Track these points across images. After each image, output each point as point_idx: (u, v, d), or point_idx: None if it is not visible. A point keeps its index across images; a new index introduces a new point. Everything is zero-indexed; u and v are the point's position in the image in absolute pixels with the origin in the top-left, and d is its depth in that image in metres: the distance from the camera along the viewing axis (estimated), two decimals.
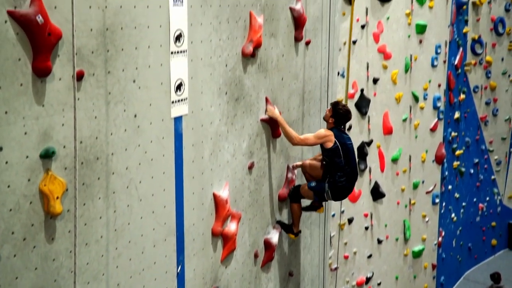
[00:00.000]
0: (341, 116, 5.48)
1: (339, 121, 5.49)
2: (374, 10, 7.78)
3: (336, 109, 5.47)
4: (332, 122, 5.47)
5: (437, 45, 8.96)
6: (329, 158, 5.42)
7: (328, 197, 5.55)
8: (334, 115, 5.45)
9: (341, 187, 5.47)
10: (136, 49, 3.70)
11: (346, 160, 5.40)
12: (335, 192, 5.50)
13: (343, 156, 5.38)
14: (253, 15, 4.90)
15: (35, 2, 2.92)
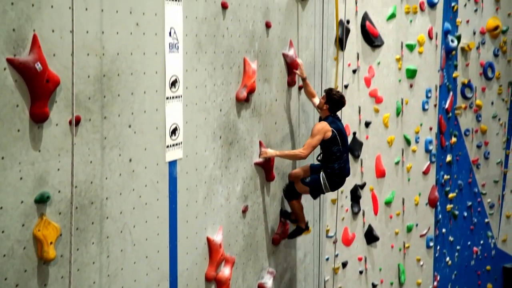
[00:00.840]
0: (336, 102, 5.46)
1: (333, 107, 5.48)
2: (365, 55, 7.95)
3: (330, 95, 5.47)
4: (327, 108, 5.47)
5: (428, 89, 9.12)
6: (326, 148, 5.40)
7: (326, 188, 5.48)
8: (329, 101, 5.45)
9: (339, 175, 5.44)
10: (132, 95, 3.77)
11: (343, 147, 5.43)
12: (333, 181, 5.45)
13: (340, 143, 5.39)
14: (247, 61, 5.01)
15: (35, 50, 3.00)
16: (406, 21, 8.59)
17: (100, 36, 3.47)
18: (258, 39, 5.18)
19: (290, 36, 5.68)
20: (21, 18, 2.95)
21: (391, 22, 8.41)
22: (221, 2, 4.61)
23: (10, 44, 2.91)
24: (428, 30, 8.94)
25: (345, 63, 7.34)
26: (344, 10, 7.38)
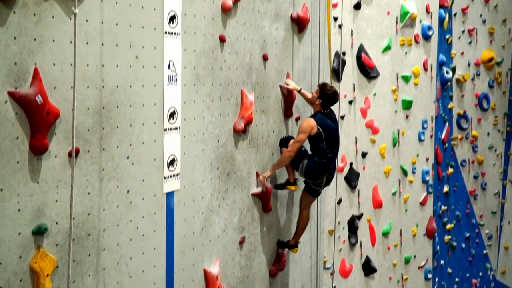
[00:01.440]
0: (329, 98, 5.45)
1: (326, 103, 5.47)
2: (361, 86, 8.04)
3: (324, 90, 5.45)
4: (319, 103, 5.46)
5: (424, 120, 9.20)
6: (312, 143, 5.44)
7: (301, 170, 5.43)
8: (321, 97, 5.45)
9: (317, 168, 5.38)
10: (131, 126, 3.81)
11: (327, 144, 5.40)
12: (310, 169, 5.39)
13: (325, 141, 5.38)
14: (245, 93, 5.08)
15: (36, 83, 3.04)
16: (401, 53, 8.73)
17: (100, 69, 3.52)
18: (256, 71, 5.26)
19: (287, 68, 5.77)
20: (23, 52, 3.01)
21: (387, 54, 8.54)
22: (219, 36, 4.69)
23: (12, 77, 2.96)
24: (423, 61, 9.06)
25: (341, 94, 7.43)
26: (340, 42, 7.51)
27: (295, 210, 6.03)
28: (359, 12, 8.12)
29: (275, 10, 5.48)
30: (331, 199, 7.22)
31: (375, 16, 8.32)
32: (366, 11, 8.24)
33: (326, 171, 5.48)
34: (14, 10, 2.96)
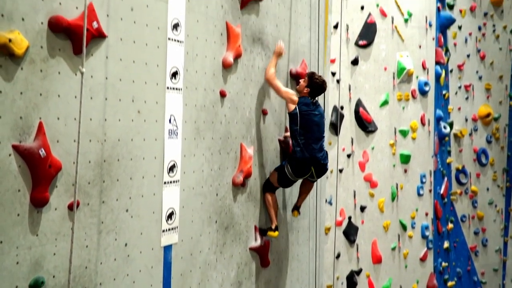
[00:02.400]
0: (317, 87, 5.41)
1: (313, 92, 5.42)
2: (359, 140, 8.15)
3: (312, 79, 5.40)
4: (307, 92, 5.41)
5: (422, 174, 9.25)
6: (289, 125, 5.37)
7: (290, 174, 5.31)
8: (310, 85, 5.40)
9: (298, 159, 5.26)
10: (131, 180, 3.85)
11: (302, 130, 5.27)
12: (295, 167, 5.28)
13: (299, 124, 5.27)
14: (244, 146, 5.15)
15: (39, 137, 3.11)
16: (398, 107, 8.88)
17: (103, 123, 3.60)
18: (255, 126, 5.35)
19: (285, 123, 5.86)
20: (28, 106, 3.09)
21: (384, 109, 8.69)
22: (220, 91, 4.80)
23: (17, 131, 3.03)
24: (420, 116, 9.20)
25: (339, 148, 7.51)
26: (338, 96, 7.67)
27: (294, 264, 5.99)
28: (356, 67, 8.33)
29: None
30: (330, 254, 7.18)
31: (373, 72, 8.52)
32: (364, 66, 8.45)
33: (308, 160, 5.29)
34: (21, 66, 3.05)
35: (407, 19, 8.97)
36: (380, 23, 8.72)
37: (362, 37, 8.62)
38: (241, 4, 5.03)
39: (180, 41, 4.29)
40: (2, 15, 2.94)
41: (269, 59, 5.50)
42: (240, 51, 4.98)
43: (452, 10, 9.84)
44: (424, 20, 9.17)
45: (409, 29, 8.96)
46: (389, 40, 8.81)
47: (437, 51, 9.41)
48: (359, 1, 8.53)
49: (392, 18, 8.82)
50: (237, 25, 4.98)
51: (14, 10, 3.00)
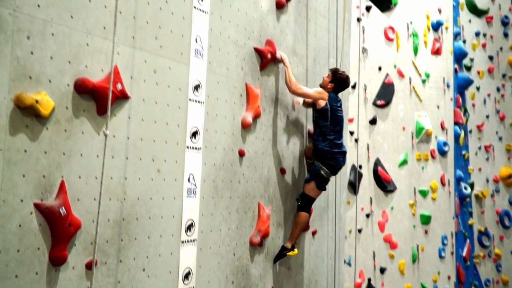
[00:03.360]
0: (341, 81, 5.45)
1: (338, 87, 5.47)
2: (378, 200, 8.08)
3: (336, 75, 5.45)
4: (331, 87, 5.43)
5: (443, 236, 9.08)
6: (316, 123, 5.37)
7: (327, 173, 5.34)
8: (334, 81, 5.44)
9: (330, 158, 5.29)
10: (149, 239, 3.86)
11: (332, 126, 5.30)
12: (328, 165, 5.31)
13: (330, 120, 5.27)
14: (262, 206, 5.14)
15: (61, 195, 3.16)
16: (418, 167, 8.83)
17: (123, 182, 3.65)
18: (273, 184, 5.36)
19: (303, 182, 5.86)
20: (51, 165, 3.16)
21: (403, 168, 8.65)
22: (239, 150, 4.86)
23: (39, 190, 3.08)
24: (440, 176, 9.13)
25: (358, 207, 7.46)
26: (357, 155, 7.68)
27: None
28: (375, 127, 8.37)
29: (293, 126, 5.69)
30: None
31: (391, 131, 8.55)
32: (382, 126, 8.49)
33: (340, 154, 5.37)
34: (47, 126, 3.15)
35: (425, 80, 9.07)
36: (398, 83, 8.82)
37: (380, 97, 8.71)
38: (260, 66, 5.16)
39: (201, 101, 4.39)
40: (30, 77, 3.06)
41: (288, 119, 5.57)
42: (259, 111, 5.07)
43: (470, 72, 9.94)
44: (442, 81, 9.26)
45: (427, 89, 9.05)
46: (407, 100, 8.88)
47: (456, 112, 9.44)
48: (376, 62, 8.68)
49: (409, 79, 8.93)
50: (257, 86, 5.09)
51: (42, 73, 3.12)
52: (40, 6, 3.09)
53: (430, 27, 9.17)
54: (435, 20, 9.19)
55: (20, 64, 2.99)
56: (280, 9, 5.46)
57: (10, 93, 2.95)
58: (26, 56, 3.02)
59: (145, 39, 3.84)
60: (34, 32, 3.06)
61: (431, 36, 9.18)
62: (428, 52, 9.14)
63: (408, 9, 8.83)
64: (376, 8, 8.49)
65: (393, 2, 8.61)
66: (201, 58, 4.39)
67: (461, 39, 9.83)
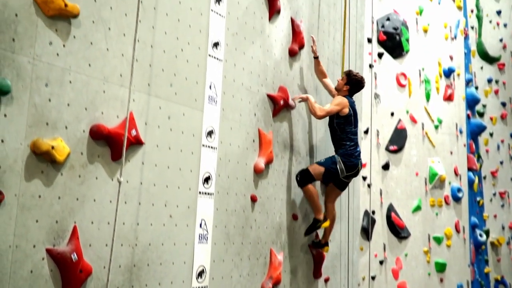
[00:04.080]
0: (356, 83, 5.49)
1: (353, 88, 5.51)
2: (391, 246, 7.95)
3: (351, 77, 5.48)
4: (347, 89, 5.47)
5: (459, 284, 8.87)
6: (340, 127, 5.37)
7: (342, 170, 5.32)
8: (349, 83, 5.47)
9: (353, 155, 5.34)
10: (160, 285, 3.82)
11: (355, 129, 5.40)
12: (349, 162, 5.32)
13: (353, 124, 5.31)
14: (274, 252, 5.09)
15: (73, 241, 3.17)
16: (432, 213, 8.72)
17: (135, 228, 3.65)
18: (285, 231, 5.32)
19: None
20: (65, 211, 3.18)
21: (417, 214, 8.54)
22: (251, 196, 4.86)
23: (51, 235, 3.09)
24: (454, 223, 8.99)
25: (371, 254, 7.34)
26: (369, 201, 7.61)
27: None
28: (387, 172, 8.33)
29: None
30: None
31: (404, 177, 8.49)
32: (395, 171, 8.44)
33: (359, 156, 5.41)
34: (61, 172, 3.18)
35: (437, 126, 9.06)
36: (410, 129, 8.82)
37: (393, 143, 8.69)
38: (273, 112, 5.21)
39: (214, 147, 4.42)
40: (47, 124, 3.12)
41: (300, 165, 5.58)
42: (271, 157, 5.08)
43: (483, 118, 9.93)
44: (455, 126, 9.25)
45: (439, 135, 9.03)
46: (420, 146, 8.85)
47: (469, 158, 9.38)
48: (389, 107, 8.71)
49: (422, 124, 8.92)
50: (269, 131, 5.12)
51: (59, 119, 3.18)
52: (59, 55, 3.18)
53: (442, 74, 9.23)
54: (447, 67, 9.25)
55: (37, 111, 3.06)
56: (293, 56, 5.55)
57: (27, 139, 3.00)
58: (44, 103, 3.09)
59: (160, 86, 3.92)
60: (52, 80, 3.14)
61: (443, 83, 9.23)
62: (441, 98, 9.16)
63: (419, 56, 8.91)
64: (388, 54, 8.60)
65: (404, 49, 8.71)
66: (214, 105, 4.45)
67: (473, 85, 9.86)
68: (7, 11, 2.91)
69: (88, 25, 3.35)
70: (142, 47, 3.76)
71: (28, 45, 3.00)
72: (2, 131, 2.88)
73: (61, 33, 3.18)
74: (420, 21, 8.98)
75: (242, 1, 4.81)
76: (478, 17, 10.12)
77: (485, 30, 10.20)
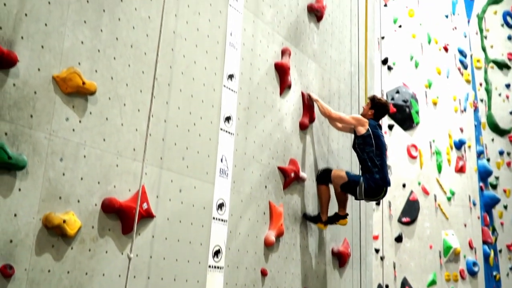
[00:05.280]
0: (381, 107, 5.49)
1: (378, 113, 5.50)
2: None
3: (375, 101, 5.50)
4: (372, 114, 5.47)
5: None
6: (361, 148, 5.32)
7: (360, 192, 5.24)
8: (374, 107, 5.48)
9: (376, 183, 5.21)
10: None
11: (378, 151, 5.27)
12: (369, 188, 5.21)
13: (375, 146, 5.26)
14: None
15: None
16: None
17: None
18: None
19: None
20: (73, 285, 3.15)
21: None
22: (261, 269, 4.79)
23: None
24: None
25: None
26: (382, 274, 7.46)
27: None
28: (400, 245, 8.21)
29: (316, 244, 5.63)
30: None
31: (418, 249, 8.36)
32: (408, 244, 8.32)
33: (384, 183, 5.27)
34: (72, 246, 3.19)
35: (450, 198, 9.00)
36: (423, 200, 8.76)
37: (405, 214, 8.62)
38: (284, 184, 5.23)
39: (224, 220, 4.42)
40: (60, 198, 3.16)
41: (311, 237, 5.53)
42: (282, 230, 5.05)
43: (496, 190, 9.85)
44: (468, 199, 9.18)
45: (452, 207, 8.95)
46: (433, 218, 8.76)
47: (484, 230, 9.23)
48: (400, 178, 8.70)
49: (435, 196, 8.88)
50: (280, 204, 5.12)
51: (72, 193, 3.22)
52: (75, 130, 3.26)
53: (453, 146, 9.27)
54: (457, 139, 9.31)
55: (51, 185, 3.11)
56: (304, 130, 5.64)
57: (40, 213, 3.03)
58: (58, 177, 3.15)
59: (173, 160, 3.98)
60: (67, 155, 3.21)
61: (454, 154, 9.25)
62: (452, 170, 9.16)
63: (430, 128, 9.00)
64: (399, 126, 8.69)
65: (415, 121, 8.81)
66: (225, 178, 4.48)
67: (485, 157, 9.86)
68: (26, 88, 3.02)
69: (104, 101, 3.46)
70: (156, 122, 3.85)
71: (45, 121, 3.10)
72: (15, 206, 2.92)
73: (77, 109, 3.29)
74: (430, 94, 9.14)
75: (254, 77, 4.95)
76: (487, 90, 10.27)
77: (495, 103, 10.31)
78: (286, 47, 5.41)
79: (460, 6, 10.23)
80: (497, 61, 10.49)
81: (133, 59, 3.69)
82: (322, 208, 5.55)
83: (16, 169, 2.92)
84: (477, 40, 10.41)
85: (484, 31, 10.49)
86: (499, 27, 10.75)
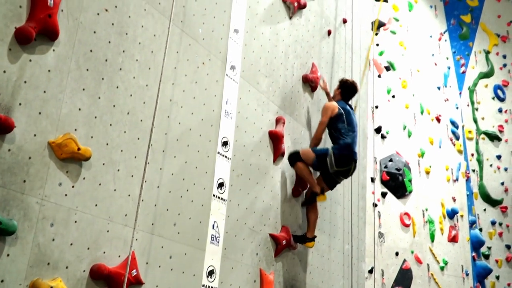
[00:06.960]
0: (348, 88, 5.83)
1: (345, 92, 5.83)
2: None
3: (343, 82, 5.85)
4: (339, 93, 5.83)
5: None
6: (333, 125, 5.54)
7: (331, 162, 5.36)
8: (341, 87, 5.84)
9: (346, 150, 5.41)
10: None
11: (349, 127, 5.51)
12: (340, 157, 5.37)
13: (346, 122, 5.51)
14: None
15: None
16: None
17: None
18: None
19: None
20: None
21: None
22: None
23: None
24: None
25: None
26: None
27: None
28: None
29: None
30: None
31: None
32: None
33: (353, 153, 5.46)
34: None
35: (443, 267, 8.91)
36: (416, 269, 8.66)
37: (398, 283, 8.49)
38: (275, 252, 5.19)
39: (214, 287, 4.36)
40: (48, 264, 3.13)
41: None
42: None
43: (488, 260, 9.77)
44: (461, 269, 9.09)
45: (445, 277, 8.84)
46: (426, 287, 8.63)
47: None
48: (393, 247, 8.64)
49: (427, 265, 8.78)
50: (271, 272, 5.07)
51: (60, 259, 3.19)
52: (67, 195, 3.28)
53: (445, 215, 9.27)
54: (450, 208, 9.32)
55: (40, 251, 3.09)
56: (296, 197, 5.65)
57: (27, 280, 3.00)
58: (47, 243, 3.13)
59: (164, 226, 3.97)
60: (58, 220, 3.20)
61: (447, 224, 9.23)
62: (445, 239, 9.11)
63: (423, 197, 9.02)
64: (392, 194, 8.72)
65: (408, 190, 8.84)
66: (216, 244, 4.46)
67: (477, 227, 9.84)
68: (21, 154, 3.06)
69: (98, 167, 3.50)
70: (149, 188, 3.87)
71: (38, 186, 3.12)
72: (3, 271, 2.89)
73: (71, 174, 3.31)
74: (422, 163, 9.22)
75: (248, 144, 5.02)
76: (478, 160, 10.38)
77: (486, 173, 10.40)
78: (281, 115, 5.52)
79: (452, 79, 10.51)
80: (488, 132, 10.67)
81: (129, 126, 3.75)
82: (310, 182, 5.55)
83: (5, 235, 2.90)
84: (468, 111, 10.62)
85: (475, 103, 10.73)
86: (490, 100, 10.99)
